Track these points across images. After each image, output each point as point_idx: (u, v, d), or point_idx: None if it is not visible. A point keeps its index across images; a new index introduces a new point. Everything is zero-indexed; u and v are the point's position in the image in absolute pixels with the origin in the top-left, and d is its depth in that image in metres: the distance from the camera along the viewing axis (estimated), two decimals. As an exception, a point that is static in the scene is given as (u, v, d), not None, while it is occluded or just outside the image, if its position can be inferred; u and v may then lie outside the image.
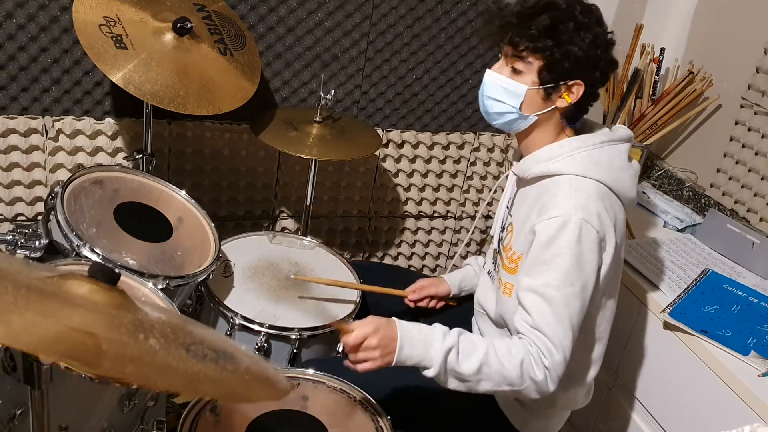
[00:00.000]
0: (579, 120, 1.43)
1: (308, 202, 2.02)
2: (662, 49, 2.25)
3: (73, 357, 0.69)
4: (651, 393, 1.82)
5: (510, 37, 1.35)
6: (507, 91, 1.38)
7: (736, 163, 2.11)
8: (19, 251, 1.51)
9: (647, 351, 1.82)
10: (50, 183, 1.92)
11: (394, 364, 1.29)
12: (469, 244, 2.53)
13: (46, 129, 1.86)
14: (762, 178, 2.03)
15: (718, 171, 2.16)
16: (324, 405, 1.37)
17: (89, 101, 1.88)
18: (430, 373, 1.30)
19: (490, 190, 2.44)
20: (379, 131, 2.20)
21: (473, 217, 2.49)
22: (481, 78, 1.42)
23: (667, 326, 1.72)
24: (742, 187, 2.09)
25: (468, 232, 2.50)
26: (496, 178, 2.43)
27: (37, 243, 1.52)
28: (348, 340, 1.28)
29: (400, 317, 1.74)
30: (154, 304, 1.35)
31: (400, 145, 2.27)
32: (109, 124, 1.92)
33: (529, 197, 1.43)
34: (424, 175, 2.35)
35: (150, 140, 1.83)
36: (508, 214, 1.51)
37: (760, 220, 2.04)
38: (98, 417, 1.17)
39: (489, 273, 1.58)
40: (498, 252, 1.53)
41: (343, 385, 1.42)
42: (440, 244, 2.52)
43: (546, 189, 1.38)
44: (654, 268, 1.88)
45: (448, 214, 2.47)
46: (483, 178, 2.42)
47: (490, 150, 2.37)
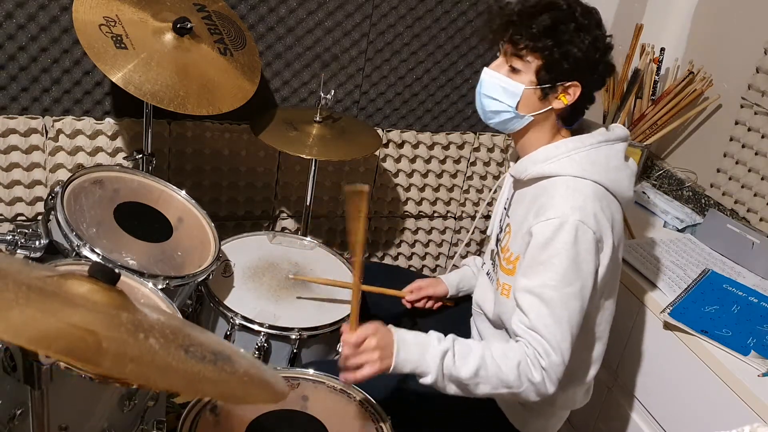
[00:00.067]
0: (575, 122, 1.43)
1: (308, 202, 2.02)
2: (662, 49, 2.25)
3: (73, 354, 0.69)
4: (651, 393, 1.82)
5: (510, 35, 1.34)
6: (504, 90, 1.38)
7: (736, 163, 2.11)
8: (19, 251, 1.51)
9: (647, 351, 1.82)
10: (50, 183, 1.92)
11: (391, 369, 1.29)
12: (469, 244, 2.53)
13: (46, 129, 1.86)
14: (762, 178, 2.03)
15: (718, 171, 2.16)
16: (324, 405, 1.37)
17: (89, 101, 1.88)
18: (428, 379, 1.30)
19: (490, 190, 2.44)
20: (379, 131, 2.20)
21: (473, 217, 2.49)
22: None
23: (667, 326, 1.72)
24: (742, 187, 2.09)
25: (468, 232, 2.50)
26: (496, 178, 2.43)
27: (37, 243, 1.52)
28: (350, 338, 1.28)
29: (399, 318, 1.75)
30: (154, 306, 1.35)
31: (400, 145, 2.27)
32: (109, 124, 1.92)
33: (526, 198, 1.43)
34: (424, 175, 2.35)
35: (150, 140, 1.83)
36: (506, 215, 1.51)
37: (760, 220, 2.04)
38: (98, 417, 1.17)
39: (488, 274, 1.58)
40: (496, 253, 1.53)
41: (343, 385, 1.42)
42: (440, 244, 2.52)
43: (543, 190, 1.38)
44: (654, 268, 1.88)
45: (448, 214, 2.47)
46: (483, 178, 2.42)
47: (490, 150, 2.38)
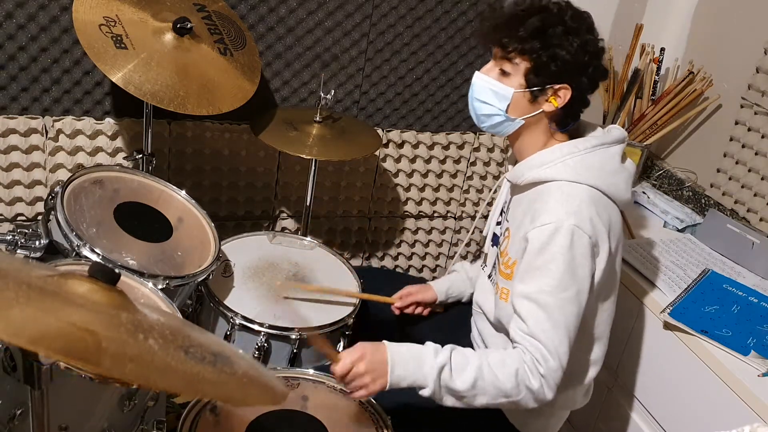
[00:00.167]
0: (569, 125, 1.43)
1: (308, 202, 2.02)
2: (662, 49, 2.25)
3: (73, 354, 0.69)
4: (651, 393, 1.82)
5: (500, 37, 1.35)
6: (494, 94, 1.39)
7: (736, 163, 2.11)
8: (19, 251, 1.51)
9: (647, 351, 1.82)
10: (50, 183, 1.92)
11: (388, 387, 1.29)
12: (469, 244, 2.53)
13: (46, 129, 1.86)
14: (762, 178, 2.03)
15: (718, 171, 2.16)
16: (324, 405, 1.36)
17: (89, 101, 1.88)
18: (426, 392, 1.30)
19: (490, 190, 2.44)
20: (379, 131, 2.20)
21: (473, 217, 2.49)
22: (481, 78, 1.42)
23: (667, 326, 1.72)
24: (742, 187, 2.09)
25: (468, 232, 2.50)
26: (496, 178, 2.43)
27: (37, 243, 1.52)
28: (336, 369, 1.28)
29: (402, 318, 1.74)
30: (153, 307, 1.35)
31: (400, 145, 2.27)
32: (109, 124, 1.92)
33: (523, 203, 1.43)
34: (424, 175, 2.35)
35: (150, 140, 1.82)
36: (505, 219, 1.51)
37: (760, 220, 2.04)
38: (98, 417, 1.17)
39: (489, 277, 1.58)
40: (497, 256, 1.53)
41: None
42: (440, 244, 2.52)
43: (538, 195, 1.38)
44: (654, 268, 1.88)
45: (448, 214, 2.47)
46: (483, 178, 2.42)
47: (490, 150, 2.38)
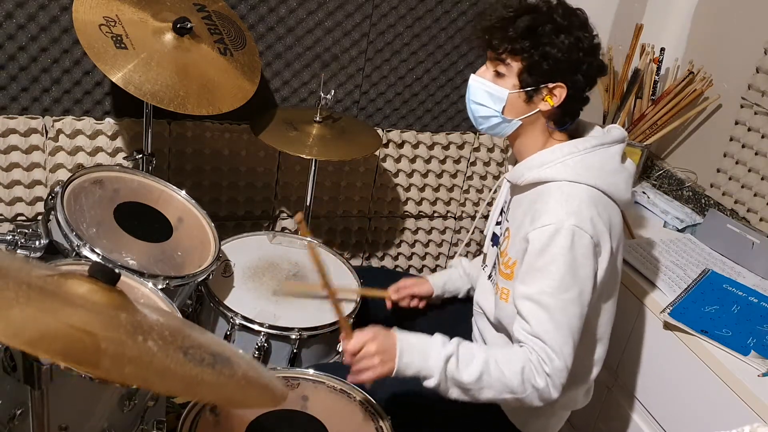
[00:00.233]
0: (567, 124, 1.43)
1: (308, 202, 2.02)
2: (662, 49, 2.25)
3: (72, 356, 0.69)
4: (651, 393, 1.82)
5: (491, 39, 1.36)
6: (490, 95, 1.39)
7: (736, 163, 2.11)
8: (19, 251, 1.51)
9: (647, 351, 1.82)
10: (50, 183, 1.92)
11: (395, 372, 1.30)
12: (469, 244, 2.53)
13: (46, 129, 1.86)
14: (762, 178, 2.03)
15: (718, 171, 2.16)
16: (324, 405, 1.36)
17: (89, 101, 1.88)
18: (432, 382, 1.31)
19: (490, 190, 2.44)
20: (379, 131, 2.20)
21: (473, 217, 2.49)
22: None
23: (667, 326, 1.72)
24: (742, 187, 2.09)
25: (468, 232, 2.50)
26: (496, 178, 2.43)
27: (37, 243, 1.52)
28: (347, 346, 1.30)
29: (402, 317, 1.74)
30: (153, 307, 1.35)
31: (400, 145, 2.27)
32: (109, 124, 1.92)
33: (523, 204, 1.43)
34: (424, 175, 2.35)
35: (150, 140, 1.83)
36: (505, 219, 1.51)
37: (760, 220, 2.04)
38: (98, 417, 1.17)
39: (490, 277, 1.58)
40: (497, 256, 1.53)
41: (343, 385, 1.42)
42: (440, 244, 2.52)
43: (538, 196, 1.38)
44: (654, 268, 1.88)
45: (448, 214, 2.47)
46: (483, 178, 2.42)
47: (490, 150, 2.38)
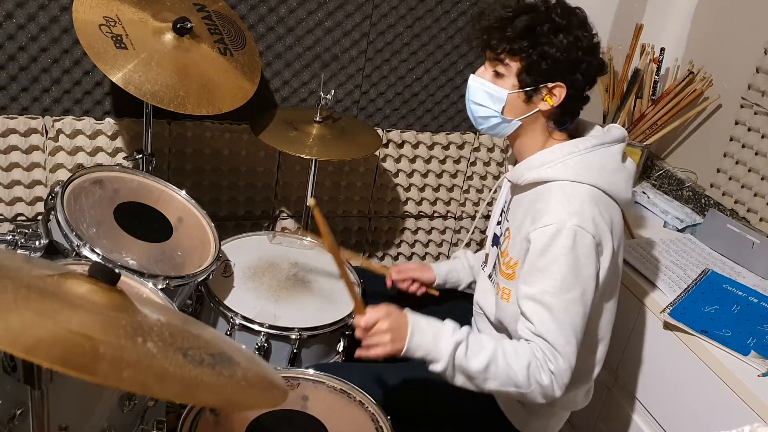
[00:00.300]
0: (567, 124, 1.43)
1: (308, 202, 2.02)
2: (662, 49, 2.25)
3: (70, 363, 0.68)
4: (651, 393, 1.82)
5: (489, 39, 1.36)
6: (490, 96, 1.39)
7: (736, 163, 2.11)
8: (19, 251, 1.51)
9: (647, 351, 1.82)
10: (50, 183, 1.92)
11: (403, 352, 1.29)
12: (469, 244, 2.53)
13: (46, 129, 1.86)
14: (762, 178, 2.03)
15: (718, 171, 2.16)
16: (324, 405, 1.36)
17: (89, 101, 1.88)
18: (438, 367, 1.30)
19: (490, 190, 2.44)
20: (379, 131, 2.20)
21: (473, 217, 2.49)
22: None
23: (667, 326, 1.72)
24: (742, 187, 2.09)
25: (468, 232, 2.50)
26: (496, 178, 2.43)
27: (37, 243, 1.52)
28: (360, 321, 1.30)
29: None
30: (154, 304, 1.35)
31: (400, 145, 2.27)
32: (109, 124, 1.92)
33: (524, 204, 1.42)
34: (424, 175, 2.35)
35: (150, 140, 1.83)
36: (505, 219, 1.51)
37: (760, 220, 2.04)
38: (98, 417, 1.17)
39: (489, 277, 1.58)
40: (497, 256, 1.53)
41: (343, 385, 1.42)
42: (440, 244, 2.52)
43: (539, 195, 1.38)
44: (654, 268, 1.88)
45: (448, 214, 2.47)
46: (483, 178, 2.42)
47: (490, 150, 2.38)
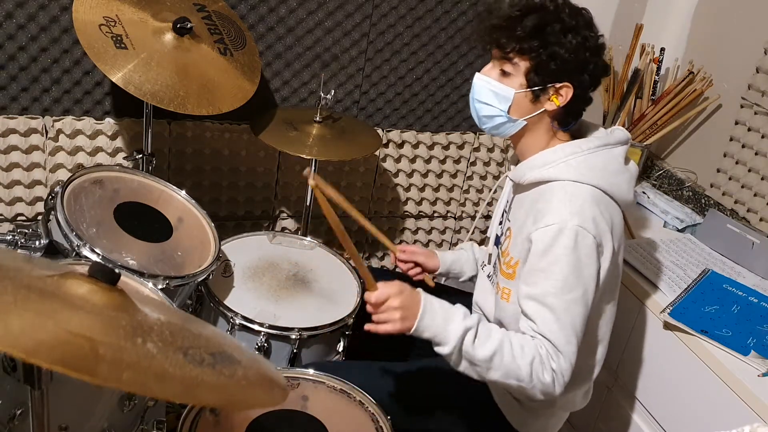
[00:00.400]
0: (571, 124, 1.42)
1: (308, 202, 2.02)
2: (662, 49, 2.25)
3: (70, 364, 0.68)
4: (651, 393, 1.82)
5: (498, 38, 1.35)
6: (495, 95, 1.38)
7: (736, 163, 2.11)
8: (19, 251, 1.51)
9: (647, 351, 1.82)
10: (50, 183, 1.92)
11: (412, 331, 1.29)
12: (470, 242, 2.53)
13: (46, 129, 1.86)
14: (762, 178, 2.03)
15: (718, 171, 2.16)
16: (324, 405, 1.36)
17: (89, 101, 1.88)
18: (444, 350, 1.29)
19: (490, 190, 2.44)
20: (379, 131, 2.20)
21: (473, 217, 2.49)
22: (481, 79, 1.42)
23: (667, 326, 1.72)
24: (742, 187, 2.09)
25: (468, 232, 2.50)
26: (496, 178, 2.43)
27: (37, 243, 1.52)
28: (370, 297, 1.28)
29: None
30: (154, 304, 1.35)
31: (400, 145, 2.27)
32: (109, 124, 1.92)
33: (525, 203, 1.42)
34: (424, 175, 2.35)
35: (150, 140, 1.83)
36: (507, 218, 1.51)
37: (760, 220, 2.04)
38: (98, 417, 1.17)
39: (489, 276, 1.58)
40: (497, 257, 1.52)
41: (343, 385, 1.42)
42: (440, 244, 2.52)
43: (541, 195, 1.38)
44: (654, 268, 1.88)
45: (448, 214, 2.47)
46: (483, 178, 2.42)
47: (490, 150, 2.38)
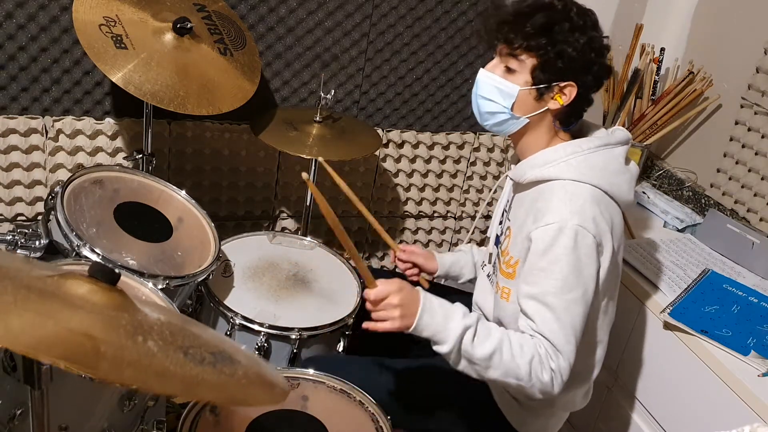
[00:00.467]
0: (572, 124, 1.42)
1: (308, 202, 2.02)
2: (662, 49, 2.25)
3: (71, 360, 0.69)
4: (651, 393, 1.82)
5: (505, 34, 1.34)
6: (500, 91, 1.37)
7: (736, 163, 2.11)
8: (19, 251, 1.51)
9: (647, 351, 1.82)
10: (50, 183, 1.92)
11: (411, 329, 1.28)
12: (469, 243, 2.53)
13: (46, 129, 1.86)
14: (762, 178, 2.03)
15: (718, 171, 2.16)
16: (324, 405, 1.37)
17: (89, 101, 1.88)
18: (443, 348, 1.29)
19: (490, 190, 2.44)
20: (379, 131, 2.20)
21: (473, 217, 2.49)
22: (481, 78, 1.42)
23: (667, 326, 1.72)
24: (742, 187, 2.09)
25: (468, 232, 2.50)
26: (496, 178, 2.43)
27: (37, 243, 1.52)
28: (370, 294, 1.28)
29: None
30: (154, 304, 1.35)
31: (400, 145, 2.27)
32: (109, 124, 1.92)
33: (525, 202, 1.42)
34: (424, 175, 2.35)
35: (150, 140, 1.83)
36: (507, 218, 1.51)
37: (760, 220, 2.04)
38: (98, 417, 1.17)
39: (488, 276, 1.58)
40: (497, 256, 1.52)
41: (343, 385, 1.42)
42: (440, 244, 2.52)
43: (541, 194, 1.38)
44: (654, 268, 1.88)
45: (448, 214, 2.47)
46: (483, 178, 2.42)
47: (490, 150, 2.38)
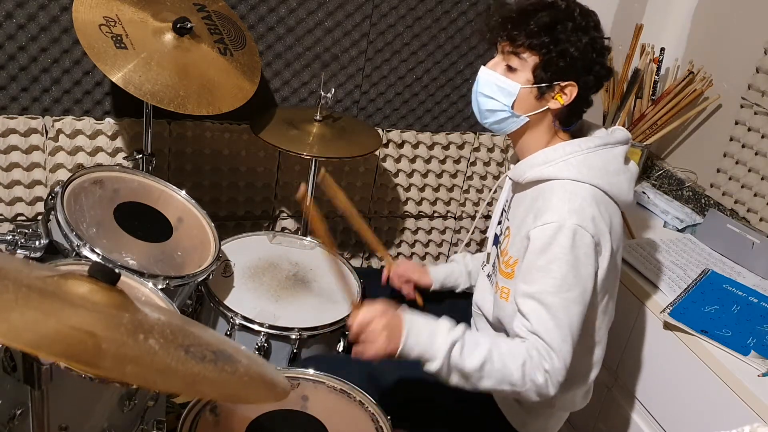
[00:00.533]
0: (572, 124, 1.42)
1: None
2: (662, 49, 2.25)
3: (72, 356, 0.69)
4: (651, 393, 1.82)
5: (508, 31, 1.34)
6: (500, 89, 1.37)
7: (736, 163, 2.11)
8: (19, 251, 1.51)
9: (647, 351, 1.82)
10: (50, 183, 1.92)
11: (398, 353, 1.28)
12: (469, 244, 2.53)
13: (46, 129, 1.86)
14: (762, 178, 2.03)
15: (718, 171, 2.16)
16: (324, 405, 1.36)
17: (89, 101, 1.88)
18: (433, 366, 1.29)
19: (490, 190, 2.44)
20: (379, 131, 2.20)
21: (473, 217, 2.49)
22: (481, 78, 1.42)
23: (667, 326, 1.72)
24: (742, 187, 2.09)
25: (468, 232, 2.50)
26: (496, 178, 2.43)
27: (37, 243, 1.52)
28: (353, 323, 1.28)
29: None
30: (154, 305, 1.35)
31: (400, 145, 2.27)
32: (109, 124, 1.92)
33: (525, 202, 1.42)
34: (424, 175, 2.35)
35: (150, 140, 1.83)
36: (506, 218, 1.51)
37: (760, 220, 2.04)
38: (98, 417, 1.17)
39: (488, 276, 1.58)
40: (496, 256, 1.52)
41: (343, 385, 1.42)
42: (440, 244, 2.52)
43: (540, 193, 1.38)
44: (654, 268, 1.88)
45: (448, 214, 2.47)
46: (483, 178, 2.42)
47: (490, 150, 2.38)
